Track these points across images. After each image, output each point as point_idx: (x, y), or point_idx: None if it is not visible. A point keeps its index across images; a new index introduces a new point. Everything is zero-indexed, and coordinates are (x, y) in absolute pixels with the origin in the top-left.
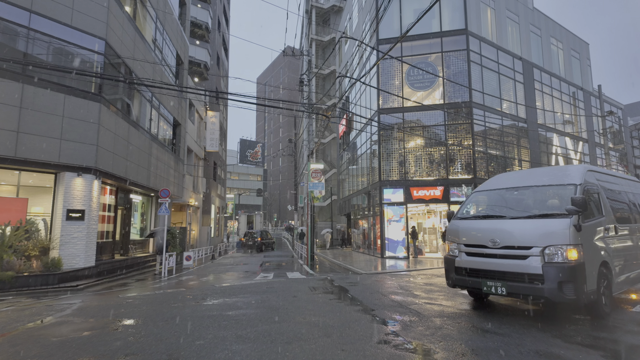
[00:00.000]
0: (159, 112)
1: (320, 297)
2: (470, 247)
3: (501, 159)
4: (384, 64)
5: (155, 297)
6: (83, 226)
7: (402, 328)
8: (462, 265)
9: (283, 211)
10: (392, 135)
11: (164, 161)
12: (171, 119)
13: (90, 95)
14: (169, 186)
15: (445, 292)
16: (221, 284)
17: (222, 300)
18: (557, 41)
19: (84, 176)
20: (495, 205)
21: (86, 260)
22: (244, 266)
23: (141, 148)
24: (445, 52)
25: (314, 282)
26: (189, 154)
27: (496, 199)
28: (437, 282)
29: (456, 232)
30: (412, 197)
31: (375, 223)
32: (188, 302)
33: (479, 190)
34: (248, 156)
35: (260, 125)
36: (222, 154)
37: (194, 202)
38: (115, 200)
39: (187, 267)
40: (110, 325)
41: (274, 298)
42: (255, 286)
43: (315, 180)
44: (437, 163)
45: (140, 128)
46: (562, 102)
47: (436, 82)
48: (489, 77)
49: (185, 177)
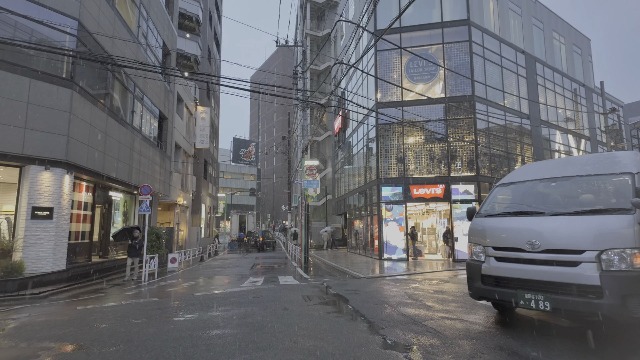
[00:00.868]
0: (143, 103)
1: (316, 310)
2: (501, 250)
3: (504, 156)
4: (382, 56)
5: (120, 309)
6: (51, 226)
7: (423, 357)
8: (491, 273)
9: (277, 211)
10: (390, 131)
11: (148, 157)
12: (157, 112)
13: (60, 81)
14: (154, 184)
15: (462, 303)
16: (202, 292)
17: (198, 315)
18: (560, 35)
19: (53, 170)
20: (529, 199)
21: (55, 264)
22: (233, 269)
23: (122, 142)
24: (447, 44)
25: (308, 290)
26: (177, 151)
27: (528, 192)
28: (448, 289)
29: (481, 233)
30: (412, 196)
31: (373, 223)
32: (155, 318)
33: (505, 182)
34: (241, 155)
35: (254, 124)
36: (213, 152)
37: (183, 201)
38: (92, 198)
39: (172, 270)
40: (41, 354)
41: (260, 312)
42: (240, 295)
43: (310, 177)
44: (438, 160)
45: (121, 120)
46: (565, 99)
47: (437, 75)
48: (491, 70)
49: (172, 175)
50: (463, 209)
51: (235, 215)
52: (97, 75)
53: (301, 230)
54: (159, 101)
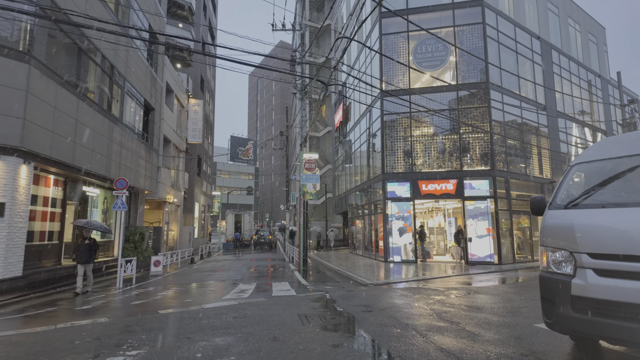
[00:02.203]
0: (124, 89)
1: (317, 341)
2: (606, 259)
3: (519, 148)
4: (387, 40)
5: (42, 339)
6: (2, 225)
7: None
8: (590, 294)
9: (276, 211)
10: (396, 122)
11: (131, 149)
12: (142, 101)
13: (15, 54)
14: (139, 179)
15: (513, 327)
16: (171, 308)
17: (144, 351)
18: (575, 22)
19: (5, 159)
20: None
21: (6, 269)
22: (223, 273)
23: (98, 130)
24: (458, 27)
25: (307, 304)
26: (167, 145)
27: (626, 172)
28: (484, 304)
29: (566, 232)
30: (421, 192)
31: (377, 222)
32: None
33: (587, 159)
34: (239, 154)
35: (252, 122)
36: (208, 148)
37: (173, 199)
38: (63, 194)
39: (155, 274)
40: None
41: (238, 346)
42: (218, 314)
43: (309, 172)
44: (449, 153)
45: (96, 105)
46: (581, 90)
47: (447, 61)
48: (506, 56)
49: (161, 170)
50: (477, 205)
51: (230, 215)
52: (65, 53)
53: (299, 230)
54: (144, 89)
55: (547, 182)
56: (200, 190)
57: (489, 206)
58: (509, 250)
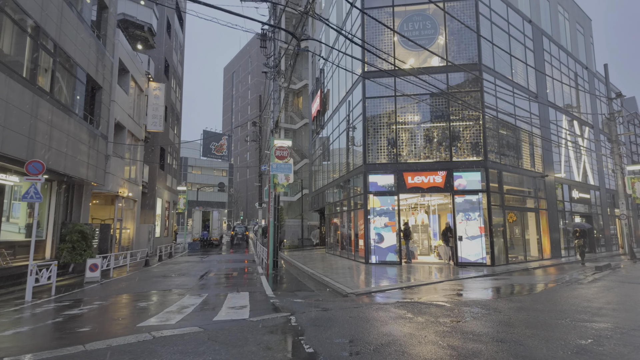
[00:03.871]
0: (56, 57)
1: None
2: None
3: (512, 137)
4: (369, 18)
5: None
6: None
7: None
8: None
9: (251, 209)
10: (380, 107)
11: (67, 132)
12: (83, 76)
13: None
14: (78, 167)
15: None
16: (33, 352)
17: None
18: (564, 10)
19: None
20: None
21: None
22: (174, 280)
23: (13, 103)
24: (448, 2)
25: (257, 341)
26: (120, 131)
27: None
28: (520, 332)
29: None
30: (406, 185)
31: (358, 219)
32: None
33: None
34: (212, 149)
35: (227, 117)
36: (173, 139)
37: (128, 193)
38: None
39: (90, 281)
40: None
41: None
42: (129, 352)
43: (280, 160)
44: (438, 142)
45: (9, 70)
46: (570, 80)
47: (435, 41)
48: (499, 40)
49: (111, 160)
50: (468, 199)
51: (197, 212)
52: None
53: (269, 227)
54: (86, 61)
55: (539, 177)
56: (163, 185)
57: (480, 200)
58: (502, 250)
